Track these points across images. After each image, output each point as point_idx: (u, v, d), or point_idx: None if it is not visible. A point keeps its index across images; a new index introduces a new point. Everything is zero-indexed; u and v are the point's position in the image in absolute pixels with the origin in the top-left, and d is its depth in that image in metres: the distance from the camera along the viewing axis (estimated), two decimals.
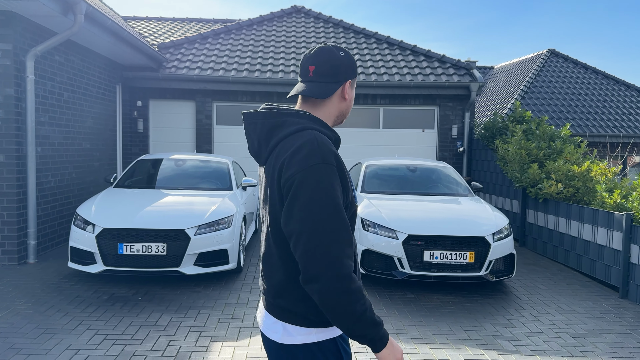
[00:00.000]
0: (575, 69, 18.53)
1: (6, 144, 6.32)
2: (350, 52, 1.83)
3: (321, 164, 1.52)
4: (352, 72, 1.76)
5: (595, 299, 5.71)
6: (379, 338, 1.55)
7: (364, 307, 1.50)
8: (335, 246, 1.48)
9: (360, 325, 1.50)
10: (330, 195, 1.51)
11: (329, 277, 1.46)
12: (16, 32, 6.29)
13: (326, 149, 1.56)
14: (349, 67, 1.75)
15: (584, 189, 7.23)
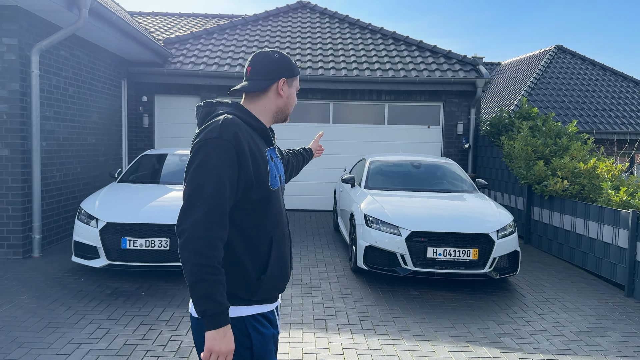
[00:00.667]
0: (583, 65, 18.37)
1: (11, 139, 6.35)
2: (288, 56, 2.00)
3: (216, 138, 1.70)
4: (287, 71, 1.95)
5: (600, 297, 5.67)
6: (209, 315, 1.64)
7: (208, 278, 1.62)
8: (204, 210, 1.64)
9: (197, 291, 1.63)
10: (216, 166, 1.68)
11: (190, 236, 1.63)
12: (21, 27, 6.30)
13: (228, 128, 1.73)
14: (284, 67, 1.95)
15: (589, 186, 7.17)
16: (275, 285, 1.90)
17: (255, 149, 1.82)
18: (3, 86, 6.29)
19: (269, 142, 1.96)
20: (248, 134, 1.82)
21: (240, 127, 1.79)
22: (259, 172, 1.80)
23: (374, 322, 4.72)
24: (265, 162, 1.85)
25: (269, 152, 1.93)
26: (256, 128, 1.90)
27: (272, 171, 1.88)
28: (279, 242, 1.90)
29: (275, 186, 1.88)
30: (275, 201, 1.89)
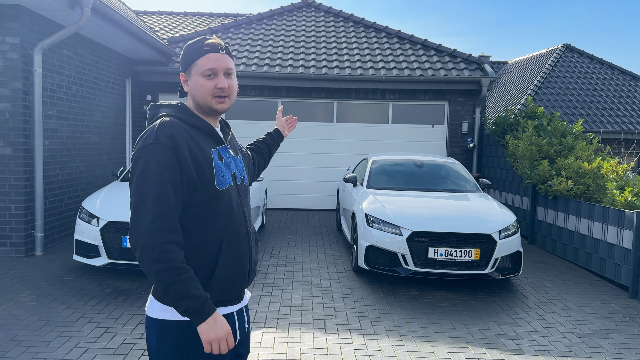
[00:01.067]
0: (590, 64, 18.22)
1: (14, 137, 6.37)
2: (188, 45, 1.85)
3: (153, 144, 1.67)
4: (183, 65, 1.86)
5: (603, 299, 5.60)
6: (193, 311, 1.64)
7: (175, 280, 1.61)
8: (151, 219, 1.62)
9: (171, 295, 1.62)
10: (157, 172, 1.65)
11: (143, 246, 1.61)
12: (24, 26, 6.32)
13: (164, 131, 1.69)
14: (181, 62, 1.87)
15: (594, 186, 7.09)
16: (228, 287, 1.83)
17: (197, 149, 1.76)
18: (6, 85, 6.31)
19: (218, 140, 1.89)
20: (188, 135, 1.76)
21: (178, 128, 1.74)
22: (201, 173, 1.75)
23: (373, 323, 4.69)
24: (209, 162, 1.78)
25: (220, 150, 1.87)
26: (199, 127, 1.83)
27: (218, 171, 1.81)
28: (230, 243, 1.82)
29: (223, 186, 1.81)
30: (225, 201, 1.81)
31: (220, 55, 1.82)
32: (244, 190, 1.97)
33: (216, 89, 1.80)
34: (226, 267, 1.81)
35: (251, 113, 10.98)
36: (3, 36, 6.27)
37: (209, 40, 1.83)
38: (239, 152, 2.05)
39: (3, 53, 6.29)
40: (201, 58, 1.80)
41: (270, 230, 8.83)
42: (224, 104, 1.84)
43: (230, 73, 1.85)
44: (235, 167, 1.93)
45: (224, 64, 1.82)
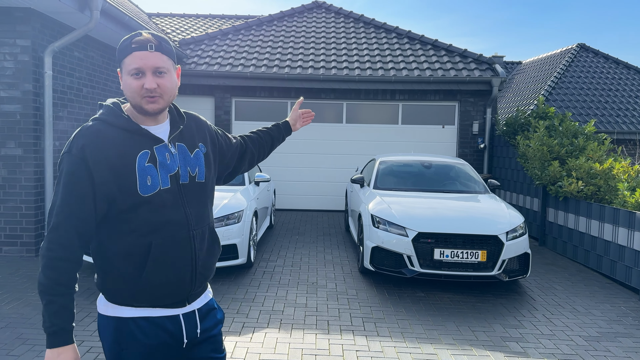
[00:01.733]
0: (606, 64, 17.97)
1: (24, 138, 6.46)
2: (124, 39, 1.74)
3: (65, 153, 1.67)
4: (118, 61, 1.75)
5: (613, 301, 5.51)
6: (47, 333, 1.64)
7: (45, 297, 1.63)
8: (50, 229, 1.64)
9: (42, 307, 1.65)
10: (66, 184, 1.65)
11: (40, 255, 1.67)
12: (34, 29, 6.41)
13: (77, 141, 1.66)
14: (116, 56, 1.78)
15: (605, 187, 6.99)
16: (161, 292, 1.77)
17: (116, 157, 1.68)
18: (16, 87, 6.41)
19: (153, 139, 1.77)
20: (109, 141, 1.69)
21: (97, 135, 1.68)
22: (121, 181, 1.68)
23: (377, 324, 4.67)
24: (131, 168, 1.69)
25: (156, 150, 1.76)
26: (127, 129, 1.74)
27: (143, 176, 1.70)
28: (160, 247, 1.73)
29: (148, 192, 1.70)
30: (153, 206, 1.71)
31: (148, 54, 1.70)
32: (192, 189, 1.84)
33: (143, 89, 1.70)
34: (156, 271, 1.74)
35: (261, 114, 11.02)
36: (14, 39, 6.36)
37: (138, 37, 1.71)
38: (200, 147, 1.92)
39: (14, 55, 6.39)
40: (128, 56, 1.71)
41: (279, 231, 8.84)
42: (155, 104, 1.73)
43: (163, 72, 1.73)
44: (181, 165, 1.81)
45: (152, 63, 1.70)
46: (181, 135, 1.87)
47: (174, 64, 1.82)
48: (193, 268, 1.83)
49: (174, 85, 1.79)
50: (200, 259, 1.85)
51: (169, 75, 1.75)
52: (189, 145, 1.87)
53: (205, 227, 1.88)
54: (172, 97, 1.79)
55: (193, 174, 1.84)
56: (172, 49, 1.82)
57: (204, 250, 1.87)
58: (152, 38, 1.73)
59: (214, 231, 1.97)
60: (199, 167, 1.88)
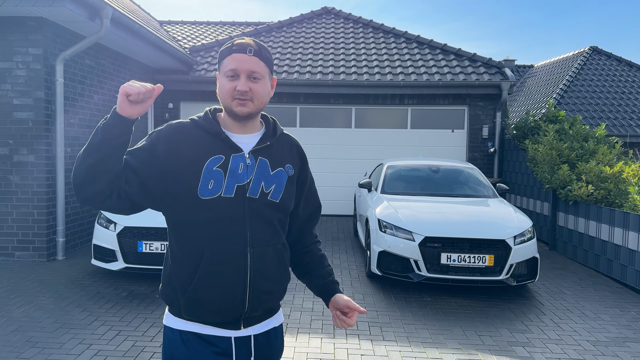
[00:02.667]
0: (619, 66, 17.80)
1: (36, 145, 6.57)
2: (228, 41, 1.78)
3: (149, 134, 1.75)
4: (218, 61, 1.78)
5: (623, 306, 5.45)
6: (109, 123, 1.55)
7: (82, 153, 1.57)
8: None
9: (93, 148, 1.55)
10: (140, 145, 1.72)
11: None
12: (46, 37, 6.53)
13: (160, 128, 1.75)
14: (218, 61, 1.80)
15: (615, 191, 6.92)
16: (207, 307, 1.69)
17: (188, 153, 1.69)
18: (29, 94, 6.53)
19: (231, 147, 1.74)
20: (187, 138, 1.72)
21: (178, 129, 1.74)
22: (184, 177, 1.67)
23: (383, 328, 4.67)
24: (197, 168, 1.67)
25: (233, 158, 1.72)
26: (211, 132, 1.75)
27: (206, 178, 1.67)
28: (212, 260, 1.66)
29: (207, 195, 1.66)
30: (212, 213, 1.66)
31: (245, 57, 1.70)
32: (261, 206, 1.72)
33: (235, 91, 1.69)
34: (204, 285, 1.67)
35: None
36: (26, 47, 6.49)
37: (240, 40, 1.72)
38: (287, 168, 1.82)
39: (26, 64, 6.51)
40: (227, 57, 1.71)
41: None
42: (244, 107, 1.71)
43: (257, 77, 1.71)
44: (254, 178, 1.73)
45: (248, 66, 1.69)
46: (267, 151, 1.80)
47: (271, 74, 1.80)
48: (246, 289, 1.70)
49: (266, 92, 1.76)
50: (257, 281, 1.71)
51: (263, 81, 1.73)
52: (273, 162, 1.79)
53: (269, 247, 1.74)
54: (262, 104, 1.76)
55: (267, 191, 1.74)
56: (271, 59, 1.80)
57: (263, 273, 1.72)
58: (252, 43, 1.73)
59: (283, 255, 1.80)
60: (276, 185, 1.77)
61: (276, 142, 1.83)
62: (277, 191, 1.76)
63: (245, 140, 1.78)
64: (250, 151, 1.75)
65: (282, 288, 1.83)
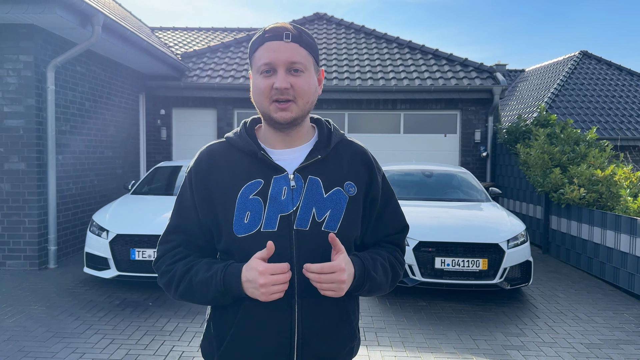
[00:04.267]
0: (609, 70, 17.96)
1: (27, 152, 6.53)
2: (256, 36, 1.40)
3: (187, 172, 1.49)
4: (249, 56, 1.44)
5: (616, 309, 5.48)
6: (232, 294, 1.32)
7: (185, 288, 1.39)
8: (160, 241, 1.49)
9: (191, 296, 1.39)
10: (177, 198, 1.49)
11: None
12: (37, 44, 6.50)
13: (194, 160, 1.48)
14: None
15: (607, 194, 6.97)
16: None
17: (220, 183, 1.40)
18: (20, 102, 6.49)
19: (271, 167, 1.40)
20: (219, 165, 1.43)
21: (209, 156, 1.46)
22: (219, 212, 1.39)
23: (378, 334, 4.66)
24: (231, 199, 1.37)
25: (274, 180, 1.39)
26: (246, 152, 1.43)
27: (241, 211, 1.36)
28: (251, 311, 1.35)
29: (242, 232, 1.35)
30: (250, 252, 1.32)
31: (282, 45, 1.33)
32: (312, 240, 1.36)
33: (273, 90, 1.33)
34: (238, 340, 1.38)
35: None
36: (17, 54, 6.46)
37: (273, 25, 1.37)
38: (347, 186, 1.44)
39: (17, 71, 6.48)
40: (259, 49, 1.36)
41: None
42: (286, 112, 1.35)
43: (299, 69, 1.35)
44: (302, 204, 1.38)
45: (286, 56, 1.33)
46: (319, 167, 1.42)
47: (316, 64, 1.42)
48: (292, 351, 1.37)
49: (312, 89, 1.40)
50: (307, 342, 1.37)
51: (307, 74, 1.37)
52: (327, 180, 1.41)
53: (325, 297, 1.33)
54: (309, 105, 1.40)
55: (319, 220, 1.37)
56: (315, 45, 1.42)
57: (316, 331, 1.37)
58: (289, 26, 1.37)
59: (345, 308, 1.42)
60: (332, 210, 1.39)
61: (332, 154, 1.46)
62: (334, 219, 1.38)
63: (290, 156, 1.42)
64: (295, 170, 1.40)
65: (346, 350, 1.44)
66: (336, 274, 1.26)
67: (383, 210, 1.52)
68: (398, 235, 1.56)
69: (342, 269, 1.27)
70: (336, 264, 1.27)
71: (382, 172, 1.55)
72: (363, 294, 1.43)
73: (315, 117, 1.56)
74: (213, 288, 1.32)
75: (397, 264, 1.52)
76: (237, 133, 1.47)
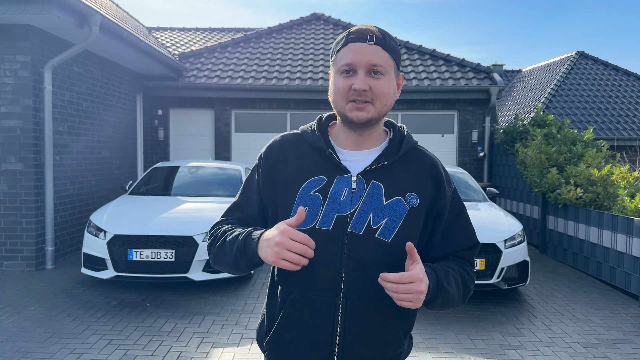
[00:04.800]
0: (605, 71, 18.02)
1: (25, 153, 6.52)
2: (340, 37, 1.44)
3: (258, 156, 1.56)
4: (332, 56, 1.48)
5: (612, 308, 5.50)
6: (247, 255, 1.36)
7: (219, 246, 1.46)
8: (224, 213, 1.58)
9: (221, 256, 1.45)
10: (246, 179, 1.57)
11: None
12: (34, 45, 6.49)
13: (267, 146, 1.54)
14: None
15: (604, 193, 6.99)
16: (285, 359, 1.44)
17: (285, 174, 1.44)
18: (17, 102, 6.48)
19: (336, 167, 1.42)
20: (288, 156, 1.47)
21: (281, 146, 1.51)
22: (280, 203, 1.44)
23: None
24: (293, 192, 1.41)
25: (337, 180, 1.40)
26: (315, 148, 1.46)
27: (300, 204, 1.38)
28: (296, 305, 1.38)
29: (300, 225, 1.33)
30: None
31: (365, 46, 1.36)
32: (365, 245, 1.36)
33: (351, 91, 1.35)
34: (282, 335, 1.42)
35: (260, 126, 11.07)
36: (14, 55, 6.45)
37: (358, 27, 1.39)
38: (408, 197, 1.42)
39: (14, 71, 6.47)
40: (342, 49, 1.39)
41: None
42: (362, 112, 1.36)
43: (380, 72, 1.36)
44: (360, 208, 1.38)
45: (368, 59, 1.35)
46: (384, 173, 1.42)
47: (397, 69, 1.44)
48: (332, 351, 1.37)
49: (391, 92, 1.40)
50: (348, 343, 1.37)
51: (387, 78, 1.38)
52: (389, 188, 1.41)
53: (369, 301, 1.36)
54: (386, 108, 1.40)
55: (375, 226, 1.37)
56: (398, 50, 1.44)
57: (357, 334, 1.37)
58: (374, 29, 1.39)
59: (390, 315, 1.39)
60: (389, 219, 1.38)
61: (399, 161, 1.45)
62: (390, 227, 1.38)
63: (357, 158, 1.44)
64: (359, 173, 1.40)
65: (389, 356, 1.42)
66: (414, 284, 1.25)
67: (451, 226, 1.51)
68: (467, 252, 1.56)
69: (421, 279, 1.26)
70: (414, 273, 1.26)
71: (452, 185, 1.53)
72: (436, 307, 1.41)
73: (390, 122, 1.56)
74: (235, 247, 1.38)
75: (468, 278, 1.51)
76: (311, 127, 1.51)
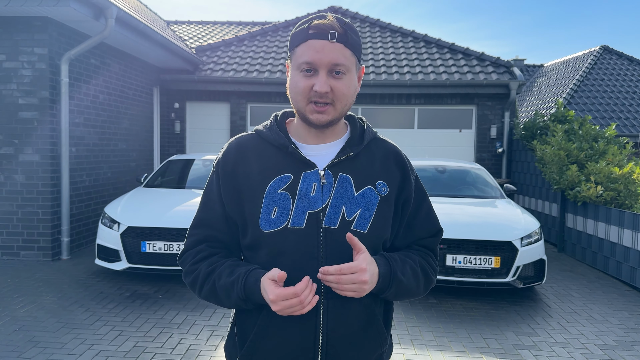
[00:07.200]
0: (630, 66, 17.59)
1: (41, 145, 6.58)
2: (304, 21, 1.35)
3: (215, 164, 1.46)
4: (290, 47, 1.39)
5: (632, 309, 5.35)
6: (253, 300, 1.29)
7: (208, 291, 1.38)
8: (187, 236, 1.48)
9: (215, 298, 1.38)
10: (204, 191, 1.47)
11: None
12: (51, 37, 6.54)
13: (222, 150, 1.46)
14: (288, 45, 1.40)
15: (625, 192, 6.81)
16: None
17: (247, 177, 1.36)
18: (34, 94, 6.54)
19: (302, 162, 1.36)
20: (247, 158, 1.39)
21: (237, 148, 1.42)
22: (246, 207, 1.35)
23: None
24: (259, 194, 1.34)
25: (304, 176, 1.34)
26: (276, 145, 1.40)
27: (268, 206, 1.32)
28: (273, 313, 1.28)
29: (268, 227, 1.30)
30: (275, 249, 1.31)
31: (326, 44, 1.27)
32: (340, 239, 1.30)
33: (312, 92, 1.29)
34: (261, 344, 1.35)
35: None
36: (32, 47, 6.50)
37: (319, 21, 1.30)
38: (378, 186, 1.39)
39: (32, 64, 6.52)
40: (302, 45, 1.30)
41: None
42: (323, 115, 1.31)
43: (341, 72, 1.29)
44: (332, 202, 1.33)
45: (330, 58, 1.27)
46: (351, 164, 1.38)
47: (358, 62, 1.36)
48: (315, 355, 1.32)
49: (352, 91, 1.35)
50: (332, 346, 1.31)
51: (348, 77, 1.32)
52: (358, 178, 1.38)
53: (352, 300, 1.30)
54: (346, 107, 1.36)
55: (349, 218, 1.33)
56: (359, 43, 1.35)
57: (342, 335, 1.32)
58: (336, 24, 1.29)
59: (373, 312, 1.36)
60: (363, 209, 1.35)
61: (364, 152, 1.43)
62: (365, 218, 1.34)
63: (321, 151, 1.39)
64: (326, 166, 1.36)
65: (374, 356, 1.39)
66: (357, 275, 1.22)
67: (415, 213, 1.48)
68: (431, 239, 1.51)
69: (363, 269, 1.23)
70: (356, 264, 1.23)
71: (415, 173, 1.51)
72: (390, 297, 1.37)
73: (349, 114, 1.50)
74: (235, 294, 1.31)
75: (429, 268, 1.47)
76: (268, 126, 1.44)
